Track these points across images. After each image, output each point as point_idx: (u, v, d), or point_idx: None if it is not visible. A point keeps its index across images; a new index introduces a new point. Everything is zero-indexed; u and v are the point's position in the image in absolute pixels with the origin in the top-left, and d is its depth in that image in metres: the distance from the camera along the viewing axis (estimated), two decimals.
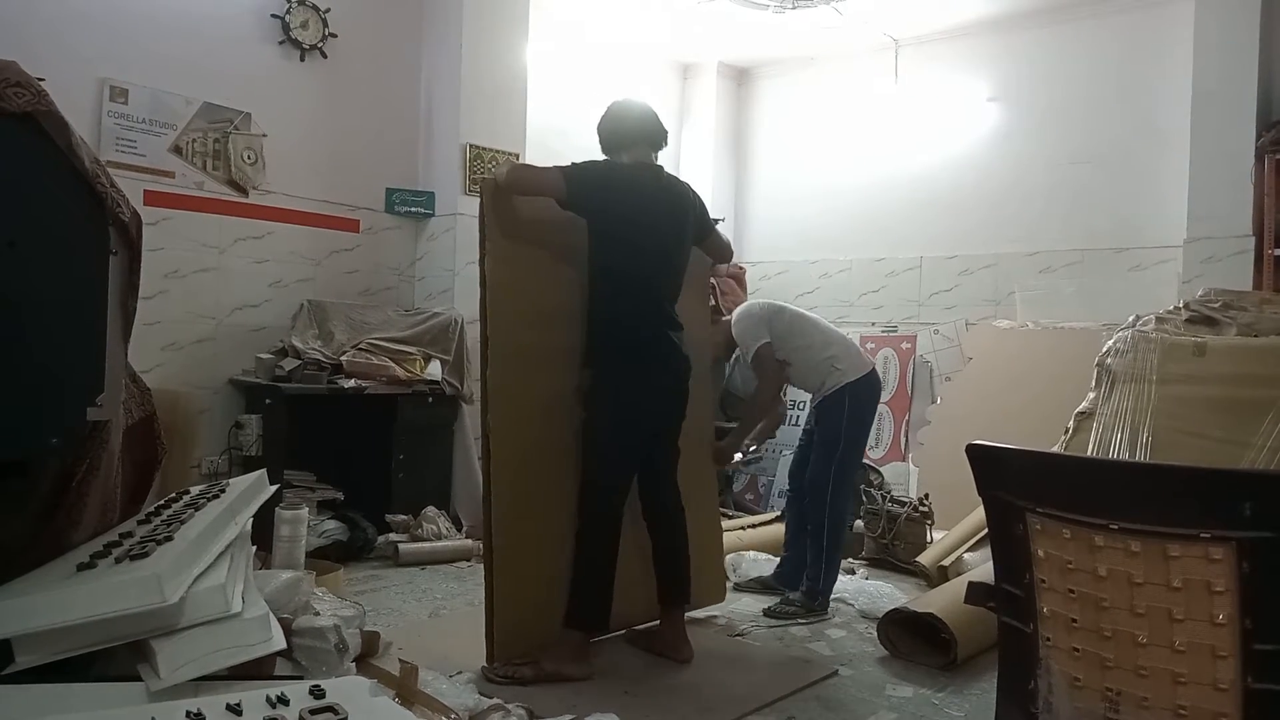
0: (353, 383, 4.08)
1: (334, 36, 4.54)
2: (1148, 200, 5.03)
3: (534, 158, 4.94)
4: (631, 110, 2.95)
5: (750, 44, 6.20)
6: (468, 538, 4.23)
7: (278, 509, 2.82)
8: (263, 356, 4.10)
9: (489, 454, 2.76)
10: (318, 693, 1.45)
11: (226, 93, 4.20)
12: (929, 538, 4.21)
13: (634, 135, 2.90)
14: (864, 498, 4.30)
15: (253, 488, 2.19)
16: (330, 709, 1.40)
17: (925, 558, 4.01)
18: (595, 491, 2.81)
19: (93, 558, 1.61)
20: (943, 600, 3.06)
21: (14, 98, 1.56)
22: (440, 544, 4.12)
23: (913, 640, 3.03)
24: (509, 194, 2.81)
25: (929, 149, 5.85)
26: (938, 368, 5.55)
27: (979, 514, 3.73)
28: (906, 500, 4.36)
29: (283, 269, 4.44)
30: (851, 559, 4.20)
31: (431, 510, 4.25)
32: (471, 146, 4.79)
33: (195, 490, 2.19)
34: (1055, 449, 3.06)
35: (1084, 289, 5.17)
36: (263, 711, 1.39)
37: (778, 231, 6.55)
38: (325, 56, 4.54)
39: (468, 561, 4.05)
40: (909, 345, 5.64)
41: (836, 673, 2.90)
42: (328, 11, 4.50)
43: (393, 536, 4.11)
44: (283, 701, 1.42)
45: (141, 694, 1.44)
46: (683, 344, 2.92)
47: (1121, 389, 3.05)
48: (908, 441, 5.43)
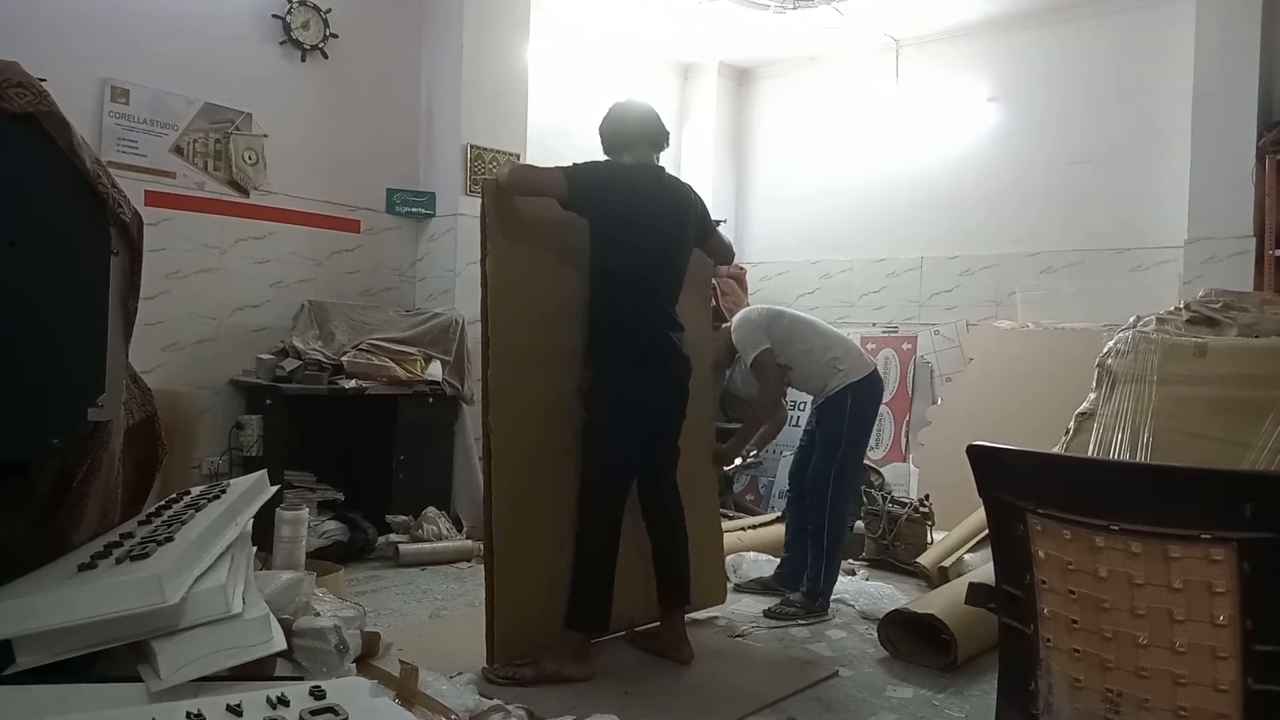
0: (353, 383, 4.08)
1: (335, 37, 4.54)
2: (1148, 201, 5.03)
3: (535, 158, 4.94)
4: (633, 111, 2.95)
5: (751, 44, 6.20)
6: (468, 538, 4.23)
7: (278, 510, 2.82)
8: (263, 357, 4.11)
9: (490, 455, 2.76)
10: (318, 693, 1.45)
11: (227, 93, 4.21)
12: (929, 538, 4.21)
13: (635, 136, 2.90)
14: (864, 498, 4.30)
15: (253, 488, 2.19)
16: (331, 710, 1.40)
17: (926, 558, 4.01)
18: (595, 492, 2.81)
19: (93, 558, 1.61)
20: (943, 601, 3.06)
21: (15, 98, 1.56)
22: (441, 545, 4.12)
23: (913, 641, 3.04)
24: (510, 195, 2.82)
25: (930, 149, 5.85)
26: (938, 368, 5.55)
27: (979, 515, 3.73)
28: (907, 501, 4.36)
29: (284, 269, 4.44)
30: (852, 560, 4.21)
31: (432, 511, 4.25)
32: (472, 147, 4.79)
33: (196, 491, 2.18)
34: (1056, 450, 3.06)
35: (1085, 289, 5.17)
36: (263, 712, 1.39)
37: (778, 232, 6.55)
38: (326, 57, 4.54)
39: (468, 562, 4.05)
40: (910, 346, 5.64)
41: (837, 673, 2.90)
42: (328, 12, 4.50)
43: (393, 537, 4.11)
44: (283, 702, 1.42)
45: (142, 694, 1.44)
46: (683, 345, 2.92)
47: (1122, 390, 3.05)
48: (908, 442, 5.43)
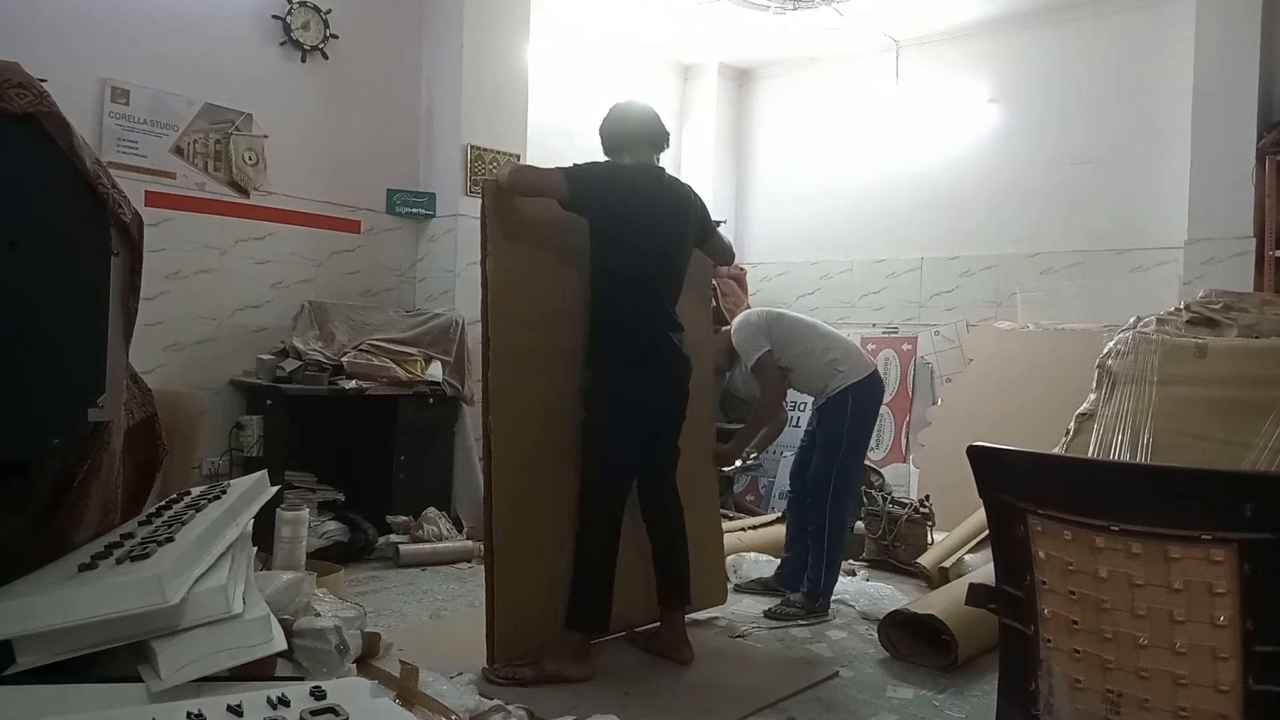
0: (354, 384, 4.08)
1: (335, 37, 4.54)
2: (1148, 201, 5.03)
3: (535, 158, 4.94)
4: (633, 112, 2.95)
5: (751, 45, 6.20)
6: (468, 539, 4.23)
7: (279, 510, 2.82)
8: (264, 357, 4.11)
9: (490, 455, 2.76)
10: (318, 694, 1.45)
11: (228, 94, 4.21)
12: (930, 539, 4.21)
13: (635, 137, 2.90)
14: (865, 499, 4.30)
15: (254, 489, 2.19)
16: (331, 710, 1.40)
17: (926, 559, 4.01)
18: (595, 492, 2.81)
19: (94, 558, 1.60)
20: (943, 602, 3.06)
21: (16, 99, 1.56)
22: (441, 545, 4.12)
23: (913, 642, 3.04)
24: (511, 195, 2.82)
25: (930, 150, 5.84)
26: (938, 369, 5.55)
27: (980, 515, 3.73)
28: (907, 501, 4.36)
29: (284, 270, 4.44)
30: (852, 560, 4.20)
31: (432, 511, 4.25)
32: (472, 147, 4.79)
33: (196, 491, 2.18)
34: (1056, 450, 3.06)
35: (1085, 290, 5.17)
36: (264, 712, 1.39)
37: (778, 232, 6.55)
38: (326, 57, 4.54)
39: (468, 563, 4.05)
40: (910, 346, 5.64)
41: (837, 674, 2.90)
42: (329, 13, 4.50)
43: (393, 538, 4.12)
44: (284, 702, 1.42)
45: (142, 695, 1.44)
46: (683, 345, 2.92)
47: (1122, 390, 3.05)
48: (908, 443, 5.43)
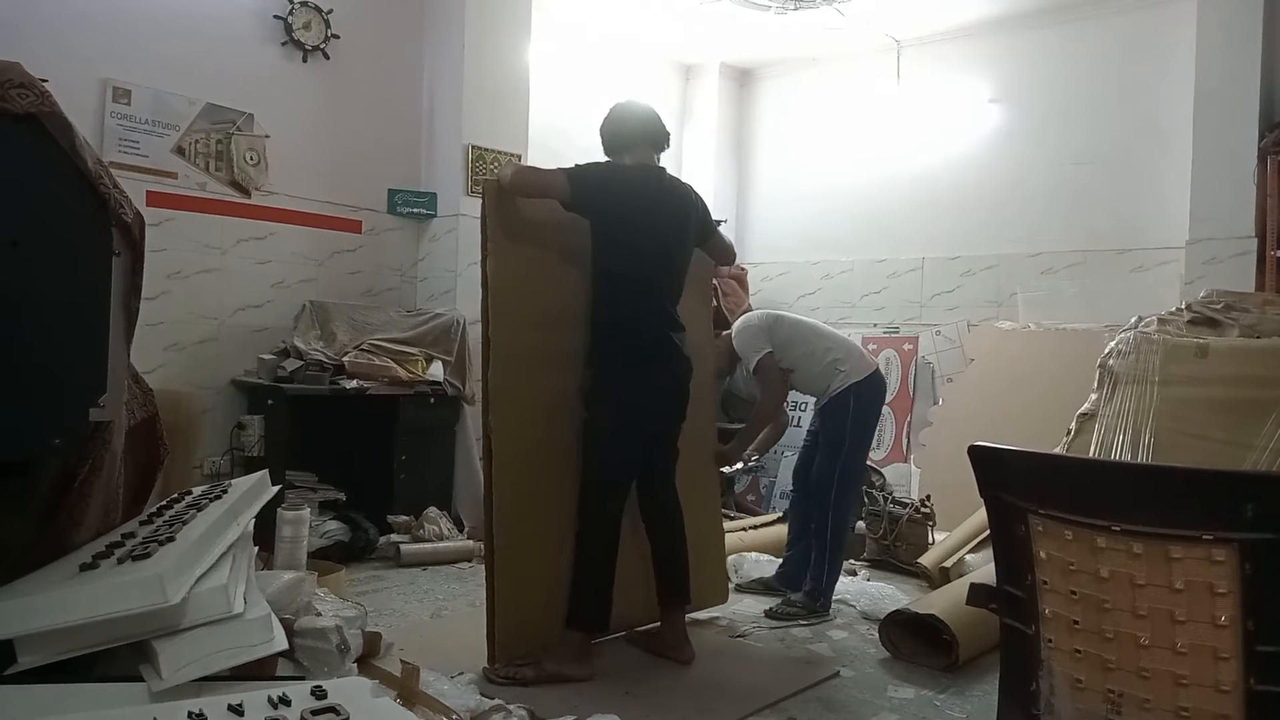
0: (355, 383, 4.08)
1: (336, 38, 4.54)
2: (1150, 201, 5.02)
3: (536, 158, 4.94)
4: (633, 112, 2.95)
5: (752, 45, 6.20)
6: (469, 538, 4.23)
7: (280, 510, 2.81)
8: (265, 357, 4.11)
9: (491, 455, 2.76)
10: (319, 693, 1.45)
11: (229, 94, 4.21)
12: (930, 539, 4.21)
13: (636, 137, 2.91)
14: (866, 499, 4.30)
15: (255, 488, 2.19)
16: (332, 709, 1.40)
17: (927, 559, 4.01)
18: (595, 492, 2.81)
19: (95, 558, 1.60)
20: (944, 602, 3.06)
21: (17, 99, 1.56)
22: (442, 545, 4.12)
23: (914, 641, 3.04)
24: (512, 196, 2.82)
25: (931, 150, 5.84)
26: (939, 369, 5.55)
27: (981, 515, 3.73)
28: (908, 501, 4.36)
29: (285, 270, 4.44)
30: (853, 560, 4.20)
31: (433, 511, 4.25)
32: (474, 147, 4.79)
33: (197, 491, 2.18)
34: (1057, 450, 3.06)
35: (1086, 290, 5.17)
36: (264, 712, 1.39)
37: (779, 232, 6.54)
38: (327, 57, 4.54)
39: (469, 562, 4.05)
40: (911, 346, 5.64)
41: (838, 674, 2.90)
42: (330, 13, 4.50)
43: (394, 537, 4.12)
44: (284, 702, 1.42)
45: (143, 694, 1.44)
46: (684, 345, 2.92)
47: (1123, 390, 3.05)
48: (909, 443, 5.43)
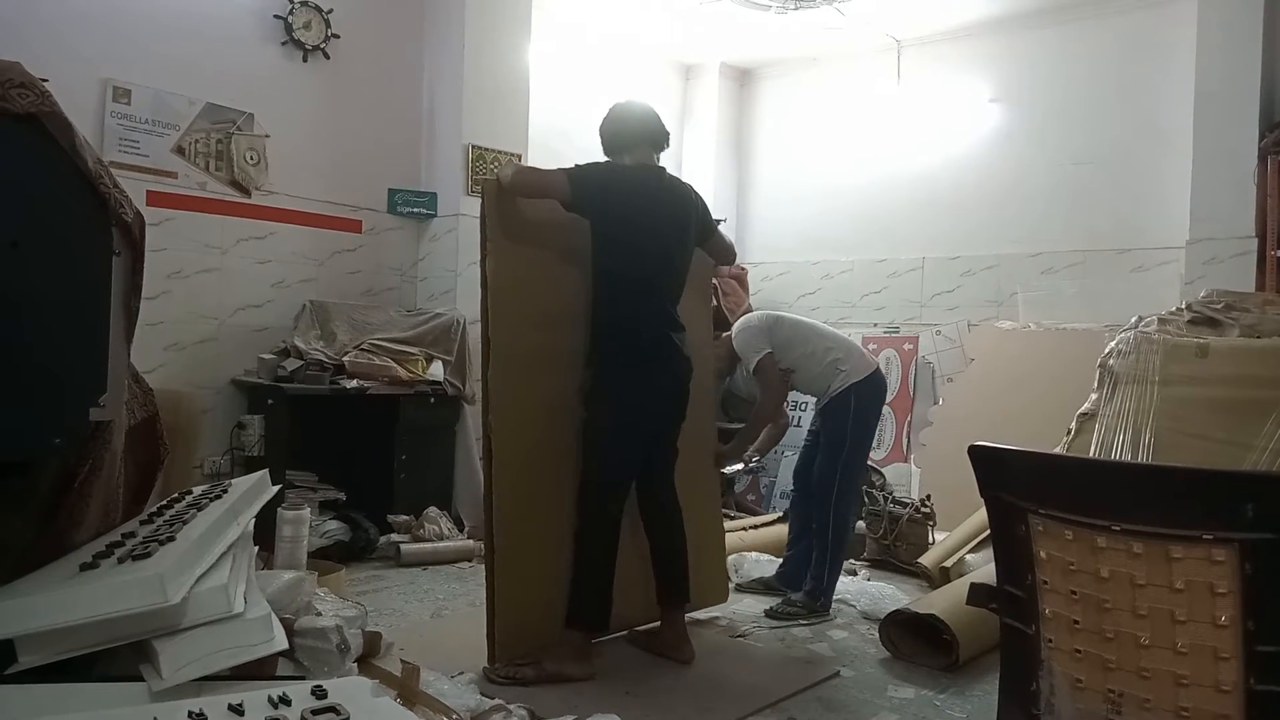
0: (355, 383, 4.08)
1: (336, 37, 4.54)
2: (1150, 201, 5.02)
3: (536, 158, 4.95)
4: (633, 112, 2.95)
5: (752, 44, 6.20)
6: (469, 538, 4.23)
7: (280, 509, 2.81)
8: (265, 357, 4.11)
9: (491, 454, 2.76)
10: (320, 693, 1.45)
11: (229, 93, 4.21)
12: (931, 539, 4.21)
13: (635, 137, 2.90)
14: (866, 499, 4.30)
15: (255, 488, 2.19)
16: (332, 709, 1.40)
17: (927, 559, 4.01)
18: (595, 492, 2.81)
19: (95, 558, 1.60)
20: (944, 601, 3.06)
21: (18, 98, 1.56)
22: (442, 544, 4.12)
23: (914, 641, 3.04)
24: (512, 196, 2.82)
25: (931, 149, 5.84)
26: (940, 369, 5.55)
27: (981, 515, 3.73)
28: (908, 501, 4.36)
29: (285, 269, 4.44)
30: (853, 560, 4.20)
31: (433, 511, 4.26)
32: (474, 147, 4.79)
33: (198, 490, 2.18)
34: (1057, 450, 3.06)
35: (1086, 290, 5.16)
36: (265, 712, 1.39)
37: (779, 232, 6.54)
38: (328, 57, 4.54)
39: (469, 562, 4.05)
40: (911, 346, 5.64)
41: (838, 674, 2.90)
42: (330, 12, 4.50)
43: (395, 537, 4.12)
44: (285, 702, 1.42)
45: (143, 694, 1.44)
46: (684, 345, 2.92)
47: (1124, 390, 3.05)
48: (910, 442, 5.43)
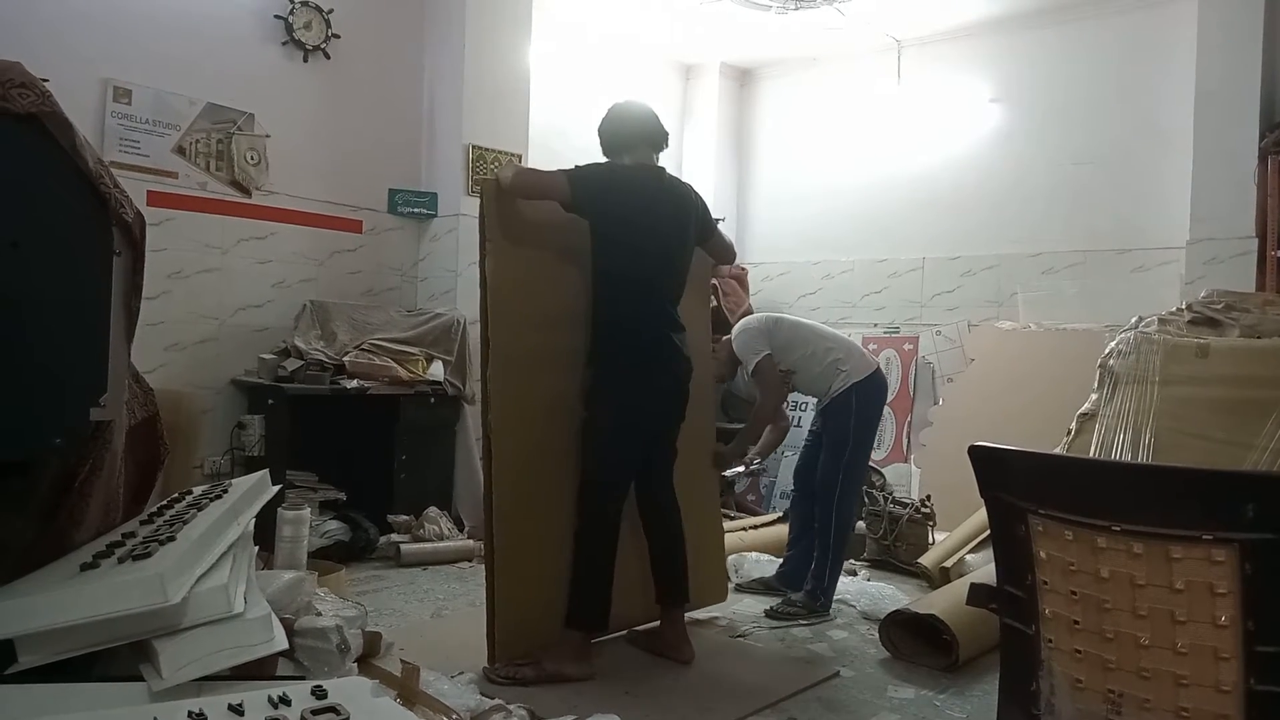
0: (355, 383, 4.08)
1: (337, 37, 4.54)
2: (1150, 201, 5.02)
3: (536, 158, 4.95)
4: (632, 112, 2.95)
5: (752, 44, 6.20)
6: (469, 538, 4.23)
7: (280, 509, 2.82)
8: (265, 357, 4.11)
9: (490, 455, 2.76)
10: (320, 693, 1.45)
11: (230, 93, 4.21)
12: (931, 539, 4.21)
13: (635, 137, 2.90)
14: (866, 499, 4.30)
15: (255, 488, 2.19)
16: (332, 709, 1.40)
17: (927, 559, 4.01)
18: (594, 492, 2.81)
19: (95, 558, 1.60)
20: (944, 602, 3.06)
21: (18, 98, 1.56)
22: (442, 544, 4.12)
23: (914, 641, 3.04)
24: (512, 197, 2.82)
25: (931, 150, 5.84)
26: (940, 369, 5.55)
27: (981, 515, 3.73)
28: (908, 501, 4.36)
29: (285, 269, 4.44)
30: (853, 560, 4.20)
31: (433, 511, 4.26)
32: (474, 147, 4.79)
33: (198, 490, 2.18)
34: (1057, 450, 3.06)
35: (1086, 290, 5.16)
36: (265, 711, 1.39)
37: (779, 232, 6.54)
38: (328, 57, 4.54)
39: (469, 562, 4.06)
40: (911, 346, 5.64)
41: (838, 674, 2.90)
42: (330, 12, 4.50)
43: (395, 537, 4.12)
44: (285, 702, 1.42)
45: (143, 694, 1.44)
46: (684, 345, 2.92)
47: (1124, 390, 3.05)
48: (910, 443, 5.43)
